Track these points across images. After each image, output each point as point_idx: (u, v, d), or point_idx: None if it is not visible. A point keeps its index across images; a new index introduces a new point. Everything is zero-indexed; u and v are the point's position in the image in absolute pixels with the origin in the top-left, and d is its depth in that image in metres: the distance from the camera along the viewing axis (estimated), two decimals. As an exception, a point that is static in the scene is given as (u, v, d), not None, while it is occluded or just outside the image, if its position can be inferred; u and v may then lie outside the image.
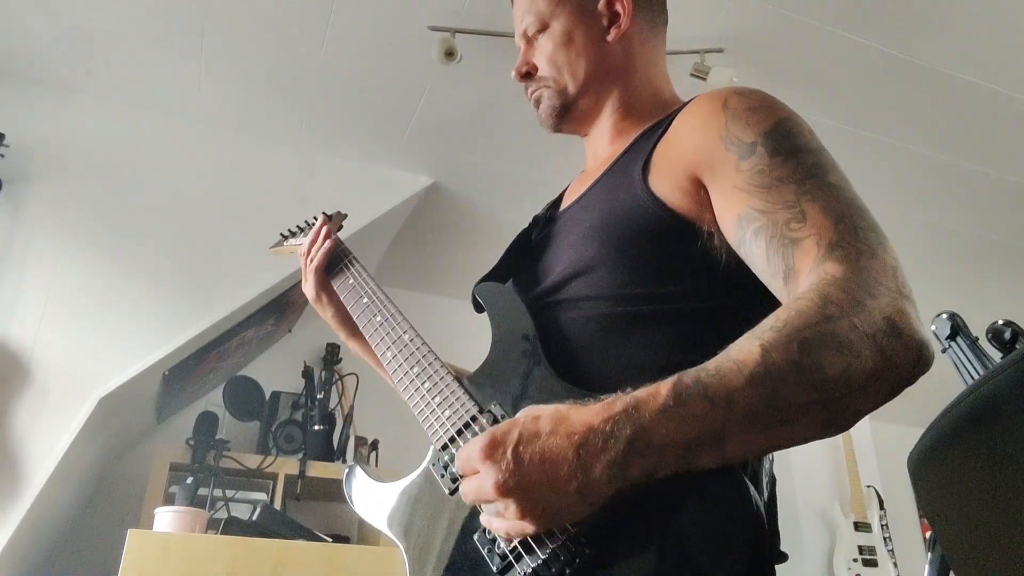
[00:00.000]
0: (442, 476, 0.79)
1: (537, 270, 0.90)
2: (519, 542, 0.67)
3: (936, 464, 0.83)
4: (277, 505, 2.43)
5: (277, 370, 2.93)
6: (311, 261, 1.10)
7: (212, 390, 2.80)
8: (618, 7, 0.94)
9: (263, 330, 2.77)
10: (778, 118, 0.75)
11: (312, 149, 2.70)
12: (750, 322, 0.67)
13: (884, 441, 3.81)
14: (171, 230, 2.39)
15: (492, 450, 0.60)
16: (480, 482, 0.61)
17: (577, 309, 0.81)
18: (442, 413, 0.81)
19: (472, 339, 1.23)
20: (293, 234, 1.30)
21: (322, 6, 2.10)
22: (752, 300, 0.74)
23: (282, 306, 2.70)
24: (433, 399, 0.82)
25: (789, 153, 0.71)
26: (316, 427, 2.67)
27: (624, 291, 0.78)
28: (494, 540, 0.69)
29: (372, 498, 0.86)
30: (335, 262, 1.09)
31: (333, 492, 2.72)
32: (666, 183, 0.78)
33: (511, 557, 0.68)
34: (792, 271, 0.67)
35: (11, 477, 1.92)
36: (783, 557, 0.69)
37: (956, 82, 2.30)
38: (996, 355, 1.24)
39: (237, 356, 2.77)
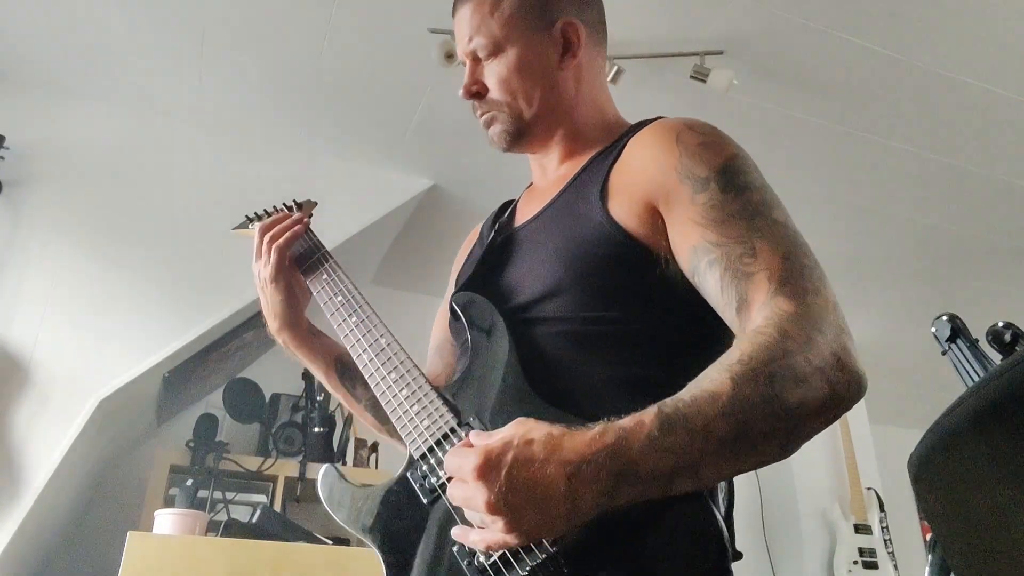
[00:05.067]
0: (420, 486, 0.79)
1: (503, 286, 0.89)
2: (498, 556, 0.68)
3: (936, 466, 0.83)
4: (277, 507, 2.43)
5: (277, 372, 2.92)
6: (274, 240, 1.02)
7: (212, 392, 2.79)
8: (572, 37, 0.95)
9: (263, 332, 2.76)
10: (728, 155, 0.80)
11: (312, 151, 2.70)
12: (701, 340, 0.79)
13: (884, 443, 3.80)
14: (171, 232, 2.39)
15: (486, 470, 0.62)
16: (471, 495, 0.63)
17: (546, 326, 0.83)
18: (420, 422, 0.81)
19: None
20: (260, 217, 1.23)
21: (322, 8, 2.10)
22: (703, 322, 0.79)
23: (282, 308, 2.69)
24: (411, 407, 0.82)
25: (739, 190, 0.77)
26: (316, 429, 2.66)
27: (589, 313, 0.81)
28: (473, 553, 0.70)
29: (347, 501, 0.84)
30: (307, 254, 1.03)
31: (333, 494, 2.72)
32: (624, 209, 0.82)
33: (490, 572, 0.69)
34: (745, 303, 0.72)
35: (11, 479, 1.92)
36: (738, 556, 0.73)
37: (955, 84, 2.30)
38: (996, 357, 1.24)
39: (237, 358, 2.77)
